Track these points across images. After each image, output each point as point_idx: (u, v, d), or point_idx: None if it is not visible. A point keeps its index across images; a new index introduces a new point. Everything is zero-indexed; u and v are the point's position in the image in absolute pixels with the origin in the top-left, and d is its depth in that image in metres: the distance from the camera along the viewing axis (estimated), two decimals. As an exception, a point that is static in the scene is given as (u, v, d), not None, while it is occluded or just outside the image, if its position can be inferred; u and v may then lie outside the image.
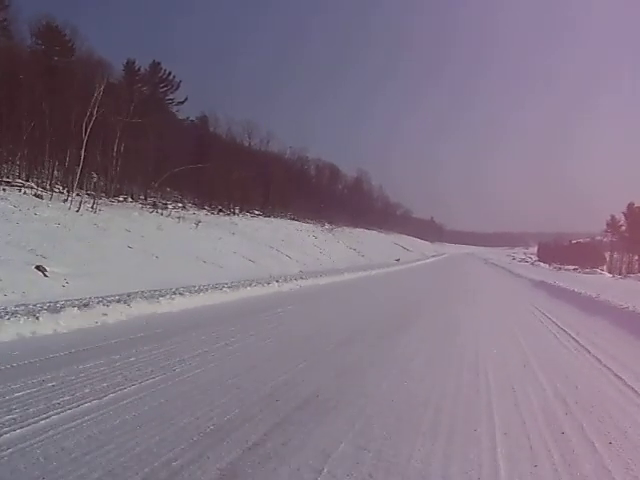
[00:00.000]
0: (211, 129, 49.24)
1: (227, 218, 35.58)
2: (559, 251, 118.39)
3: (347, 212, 74.83)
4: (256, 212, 46.11)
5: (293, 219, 52.56)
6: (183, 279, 16.18)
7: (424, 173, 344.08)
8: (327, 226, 58.02)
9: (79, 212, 19.89)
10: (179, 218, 26.96)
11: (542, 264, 75.13)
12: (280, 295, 15.38)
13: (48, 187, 26.15)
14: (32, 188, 23.63)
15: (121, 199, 31.57)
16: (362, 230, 71.25)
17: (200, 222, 28.07)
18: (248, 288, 15.16)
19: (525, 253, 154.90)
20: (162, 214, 26.61)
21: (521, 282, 31.08)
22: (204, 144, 44.44)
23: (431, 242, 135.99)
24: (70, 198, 22.26)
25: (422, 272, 37.33)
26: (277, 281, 17.62)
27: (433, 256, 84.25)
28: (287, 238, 36.47)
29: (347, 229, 62.77)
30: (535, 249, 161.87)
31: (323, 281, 21.23)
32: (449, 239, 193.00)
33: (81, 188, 32.00)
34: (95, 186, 35.84)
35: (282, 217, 51.03)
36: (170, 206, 34.54)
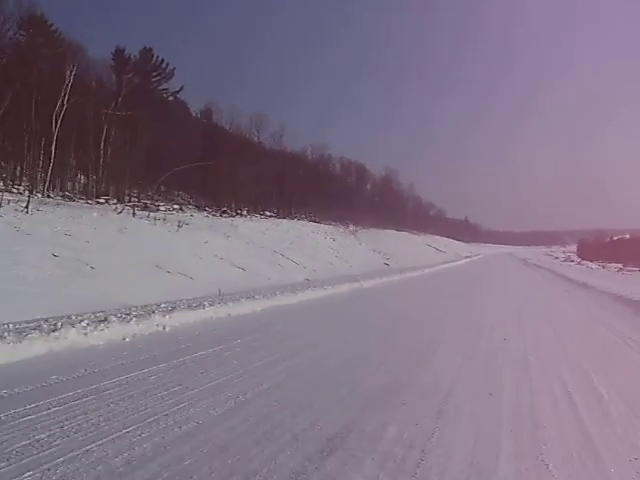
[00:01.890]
0: (216, 122, 44.82)
1: (227, 220, 31.21)
2: (600, 248, 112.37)
3: (375, 213, 70.35)
4: (267, 213, 41.81)
5: (313, 221, 48.25)
6: (125, 296, 12.17)
7: (457, 172, 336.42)
8: (351, 228, 53.45)
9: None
10: (158, 220, 22.66)
11: (590, 263, 68.91)
12: (226, 323, 10.91)
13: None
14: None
15: (102, 200, 27.47)
16: (391, 232, 66.35)
17: (186, 224, 23.80)
18: (191, 311, 10.84)
19: (563, 252, 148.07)
20: (135, 216, 22.26)
21: (599, 300, 20.38)
22: (209, 139, 40.25)
23: (466, 242, 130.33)
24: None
25: (453, 278, 32.47)
26: (249, 297, 13.42)
27: (467, 257, 78.81)
28: (297, 241, 32.05)
29: (373, 230, 57.96)
30: (573, 247, 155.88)
31: (323, 293, 17.09)
32: (484, 239, 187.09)
33: (55, 188, 28.24)
34: (76, 186, 32.08)
35: (300, 219, 46.76)
36: (162, 208, 30.40)
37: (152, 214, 23.36)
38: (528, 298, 20.77)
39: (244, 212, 38.73)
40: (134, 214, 22.35)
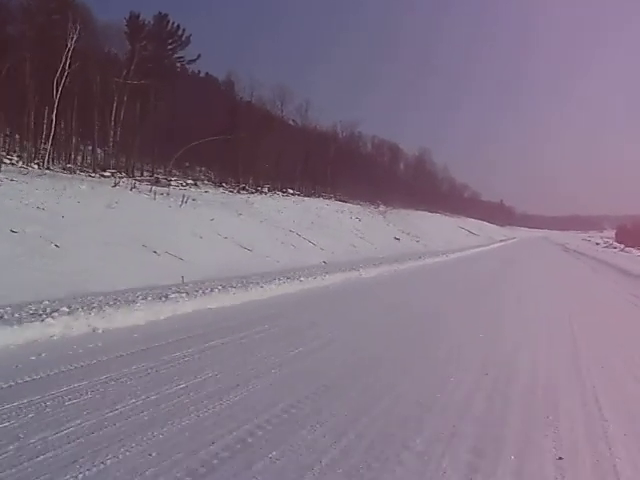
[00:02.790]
0: (238, 95, 42.51)
1: (243, 197, 29.14)
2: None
3: (407, 194, 67.84)
4: (290, 191, 39.61)
5: (340, 200, 45.98)
6: (88, 281, 10.33)
7: (492, 154, 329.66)
8: (381, 208, 51.05)
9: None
10: (161, 195, 20.68)
11: (634, 250, 64.93)
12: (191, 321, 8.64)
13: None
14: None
15: (107, 174, 25.59)
16: (423, 213, 63.74)
17: (192, 200, 21.78)
18: (159, 303, 8.86)
19: (601, 237, 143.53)
20: (133, 189, 20.27)
21: None
22: (230, 111, 38.11)
23: (501, 226, 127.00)
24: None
25: (486, 265, 29.73)
26: (225, 287, 11.28)
27: (501, 240, 75.83)
28: (318, 221, 29.87)
29: (404, 211, 55.44)
30: (610, 233, 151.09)
31: (330, 280, 14.79)
32: (519, 223, 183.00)
33: (57, 160, 26.45)
34: (83, 159, 30.30)
35: (326, 198, 44.53)
36: (175, 183, 28.47)
37: (154, 188, 21.29)
38: (582, 300, 15.52)
39: (264, 189, 36.60)
40: (133, 187, 20.32)
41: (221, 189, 32.06)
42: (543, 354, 7.93)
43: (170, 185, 27.65)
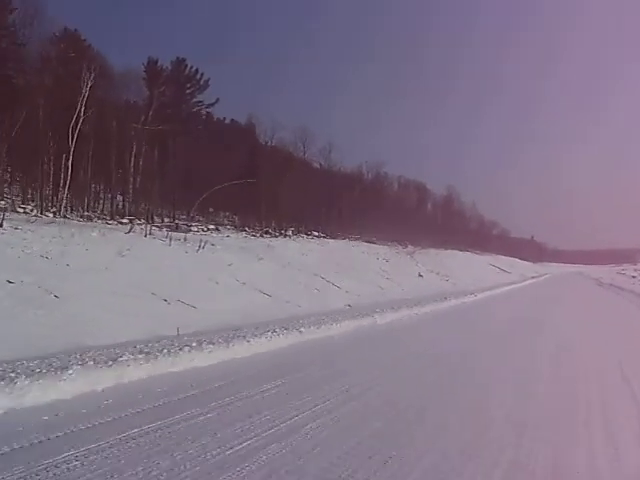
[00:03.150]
0: (260, 137, 42.07)
1: (264, 240, 28.43)
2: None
3: (436, 233, 66.70)
4: (315, 234, 38.86)
5: (368, 241, 45.09)
6: (87, 333, 9.59)
7: (521, 190, 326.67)
8: (409, 248, 49.94)
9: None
10: (178, 240, 20.00)
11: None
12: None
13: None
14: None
15: (125, 221, 25.07)
16: (452, 252, 62.47)
17: (211, 245, 21.10)
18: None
19: (635, 269, 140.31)
20: (147, 236, 19.59)
21: None
22: (251, 155, 37.69)
23: (532, 262, 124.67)
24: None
25: (518, 304, 28.56)
26: (255, 335, 10.52)
27: (533, 277, 73.93)
28: (344, 263, 28.95)
29: (432, 251, 54.25)
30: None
31: (337, 329, 13.22)
32: (550, 259, 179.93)
33: (74, 208, 26.04)
34: (101, 207, 29.91)
35: (352, 239, 43.71)
36: (195, 228, 27.88)
37: (171, 234, 20.62)
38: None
39: (288, 232, 35.92)
40: (147, 234, 19.66)
41: (243, 233, 31.39)
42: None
43: (190, 230, 27.04)
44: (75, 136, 23.48)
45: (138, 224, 24.88)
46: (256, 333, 10.97)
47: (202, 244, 19.94)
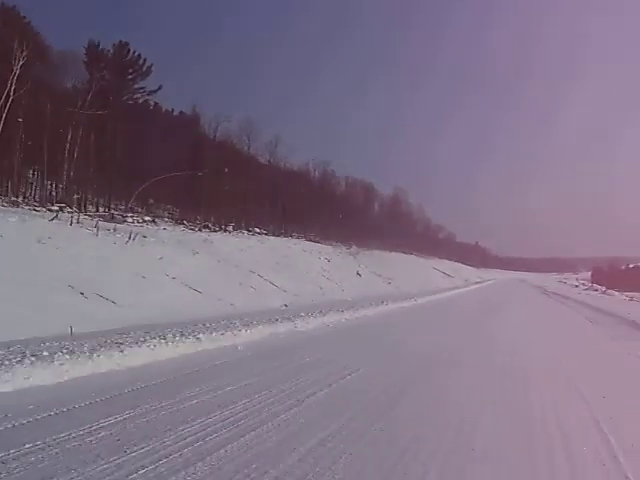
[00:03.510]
0: (204, 129, 40.76)
1: (202, 235, 27.53)
2: (616, 276, 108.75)
3: (382, 235, 66.43)
4: (257, 230, 37.99)
5: (313, 240, 44.46)
6: None
7: (468, 195, 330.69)
8: (353, 249, 49.40)
9: None
10: (108, 230, 18.98)
11: (615, 293, 63.72)
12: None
13: None
14: None
15: (55, 208, 23.85)
16: (397, 254, 62.35)
17: (143, 237, 20.14)
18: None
19: (577, 279, 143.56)
20: (72, 224, 18.51)
21: None
22: (194, 146, 36.57)
23: (476, 267, 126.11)
24: None
25: (462, 310, 28.03)
26: (138, 342, 8.95)
27: (477, 282, 74.51)
28: (284, 261, 28.24)
29: (377, 252, 53.93)
30: (585, 274, 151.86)
31: (243, 337, 10.96)
32: (494, 264, 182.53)
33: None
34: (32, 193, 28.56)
35: (297, 237, 43.04)
36: (131, 219, 26.79)
37: (100, 223, 19.56)
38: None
39: (228, 228, 34.98)
40: (73, 222, 18.59)
41: (181, 227, 30.36)
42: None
43: (125, 222, 25.97)
44: (4, 116, 22.16)
45: (69, 212, 23.71)
46: (144, 339, 9.13)
47: (133, 236, 18.97)
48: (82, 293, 12.35)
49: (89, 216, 24.88)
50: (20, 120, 24.41)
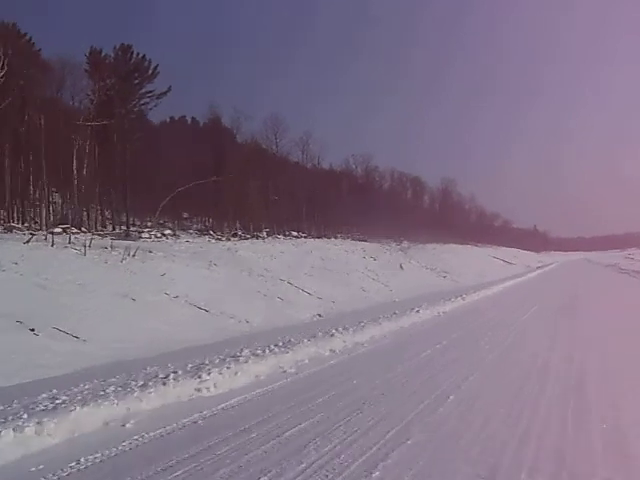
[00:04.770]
0: (225, 130, 37.72)
1: (226, 244, 24.83)
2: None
3: (434, 227, 62.78)
4: (294, 234, 35.08)
5: (360, 240, 41.38)
6: None
7: (521, 180, 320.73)
8: (404, 244, 45.96)
9: None
10: (105, 249, 16.34)
11: None
12: None
13: None
14: None
15: (58, 230, 21.39)
16: (451, 246, 58.66)
17: (150, 251, 17.49)
18: None
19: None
20: (54, 245, 15.83)
21: None
22: (216, 150, 33.88)
23: (536, 252, 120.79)
24: None
25: (523, 305, 24.01)
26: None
27: (539, 267, 69.65)
28: (321, 264, 25.24)
29: (430, 246, 50.37)
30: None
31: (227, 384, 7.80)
32: (554, 247, 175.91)
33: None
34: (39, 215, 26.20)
35: (343, 238, 40.06)
36: (146, 234, 24.27)
37: (94, 242, 16.91)
38: None
39: (262, 234, 32.13)
40: (56, 243, 15.93)
41: (207, 238, 27.67)
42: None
43: (140, 238, 23.42)
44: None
45: (72, 233, 21.21)
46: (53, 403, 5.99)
47: (130, 252, 16.20)
48: (32, 329, 9.53)
49: (99, 235, 22.42)
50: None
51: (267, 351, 9.26)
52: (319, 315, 16.84)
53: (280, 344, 9.92)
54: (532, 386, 7.54)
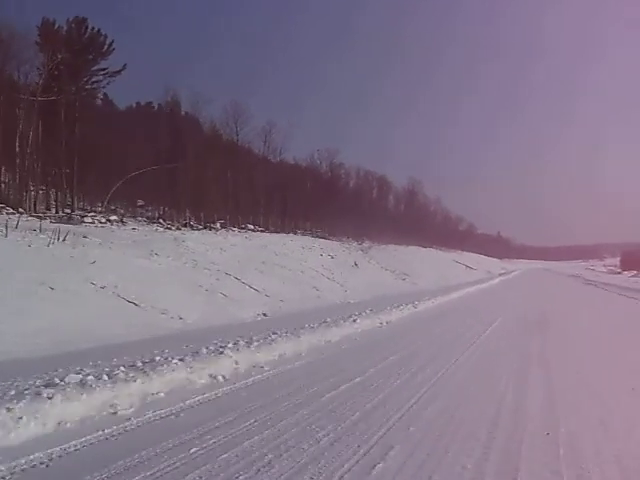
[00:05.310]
0: (183, 113, 36.22)
1: (173, 233, 23.54)
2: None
3: (397, 228, 61.92)
4: (251, 227, 33.85)
5: (323, 237, 40.31)
6: None
7: (488, 185, 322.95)
8: (365, 244, 44.96)
9: None
10: (33, 231, 15.03)
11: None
12: None
13: None
14: None
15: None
16: (413, 248, 57.88)
17: (84, 236, 16.18)
18: None
19: (604, 265, 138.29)
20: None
21: None
22: (172, 135, 32.45)
23: (499, 259, 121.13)
24: None
25: (484, 313, 22.57)
26: None
27: (501, 274, 69.26)
28: (273, 260, 24.09)
29: (391, 247, 49.46)
30: (612, 260, 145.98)
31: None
32: (517, 255, 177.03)
33: None
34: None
35: (299, 234, 38.84)
36: (89, 219, 22.86)
37: (20, 222, 15.53)
38: None
39: (215, 225, 30.80)
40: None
41: (156, 226, 26.30)
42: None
43: (82, 222, 22.00)
44: None
45: (7, 213, 19.80)
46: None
47: (59, 236, 14.84)
48: None
49: (37, 217, 20.94)
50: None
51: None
52: (264, 314, 15.75)
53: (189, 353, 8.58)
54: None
